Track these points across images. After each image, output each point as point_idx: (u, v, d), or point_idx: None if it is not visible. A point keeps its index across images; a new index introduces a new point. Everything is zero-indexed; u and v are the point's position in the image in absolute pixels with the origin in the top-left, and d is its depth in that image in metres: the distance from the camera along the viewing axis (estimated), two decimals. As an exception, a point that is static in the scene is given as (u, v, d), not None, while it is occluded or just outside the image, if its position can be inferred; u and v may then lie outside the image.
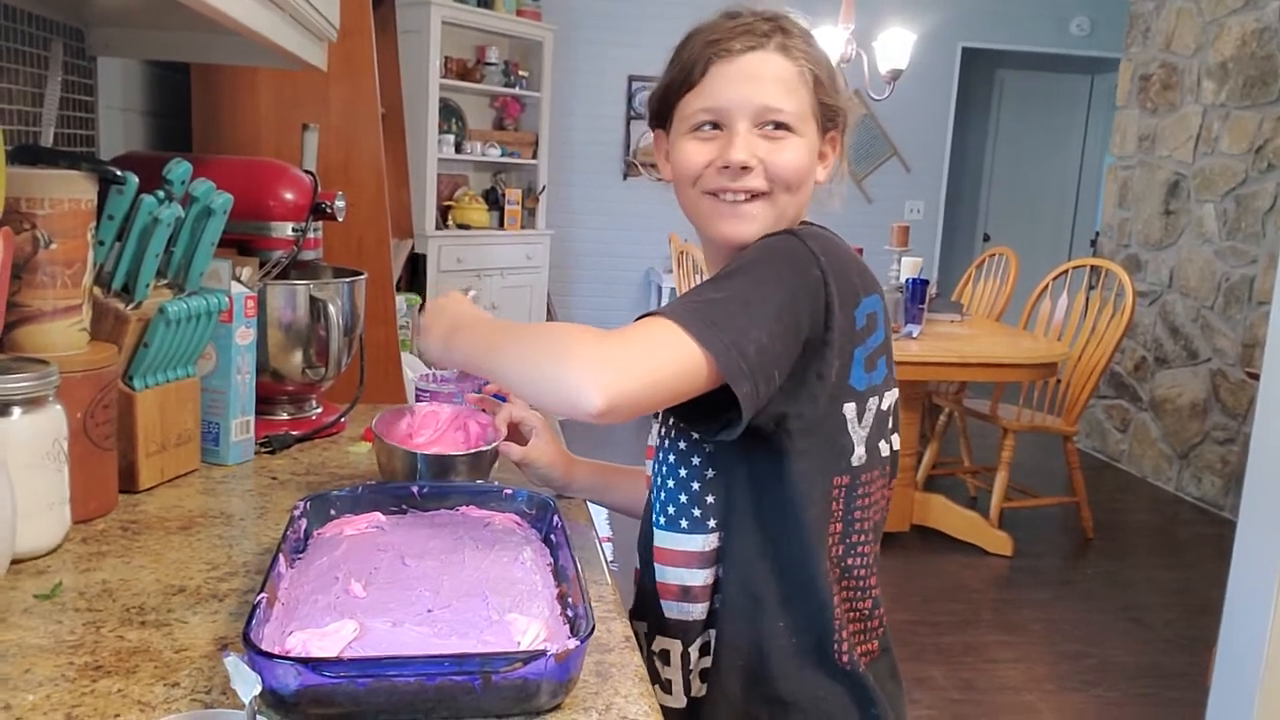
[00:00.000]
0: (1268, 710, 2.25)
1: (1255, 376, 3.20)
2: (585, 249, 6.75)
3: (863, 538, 1.07)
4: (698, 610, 1.09)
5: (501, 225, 5.91)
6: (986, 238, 8.13)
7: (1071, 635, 3.45)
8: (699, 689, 1.10)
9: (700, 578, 1.08)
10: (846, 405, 1.02)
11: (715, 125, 1.05)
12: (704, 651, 1.09)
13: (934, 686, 3.02)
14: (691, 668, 1.10)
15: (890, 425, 1.09)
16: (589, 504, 1.35)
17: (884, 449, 1.08)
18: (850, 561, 1.06)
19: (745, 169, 1.03)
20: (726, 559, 1.07)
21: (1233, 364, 4.73)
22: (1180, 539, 4.57)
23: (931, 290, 4.34)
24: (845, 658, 1.05)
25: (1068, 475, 4.38)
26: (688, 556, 1.08)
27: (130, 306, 1.23)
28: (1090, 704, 2.99)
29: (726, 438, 0.97)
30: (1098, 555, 4.24)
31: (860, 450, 1.04)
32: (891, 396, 1.08)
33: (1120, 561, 4.18)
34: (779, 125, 1.04)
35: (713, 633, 1.08)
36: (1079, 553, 4.28)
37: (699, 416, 0.99)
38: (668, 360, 0.91)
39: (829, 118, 1.07)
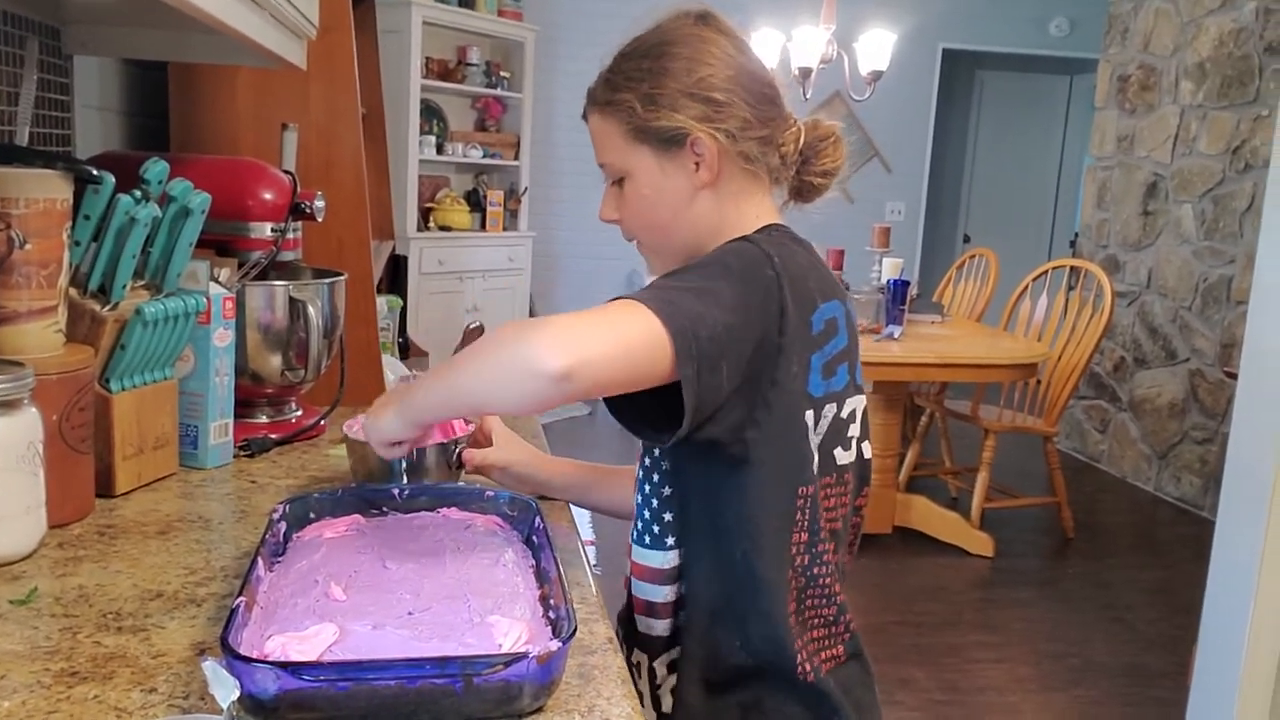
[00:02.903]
0: (1248, 708, 2.26)
1: (1233, 376, 3.22)
2: (567, 251, 6.74)
3: (827, 546, 1.06)
4: (660, 626, 1.09)
5: (483, 227, 5.90)
6: (967, 239, 8.17)
7: (1053, 635, 3.47)
8: (668, 705, 1.09)
9: (661, 594, 1.07)
10: (806, 413, 1.01)
11: None
12: (671, 669, 1.09)
13: (917, 688, 3.03)
14: (659, 683, 1.10)
15: (852, 433, 1.08)
16: (572, 507, 1.34)
17: (840, 456, 1.07)
18: (815, 570, 1.05)
19: (611, 222, 1.14)
20: (686, 576, 1.06)
21: (1211, 364, 4.77)
22: (1160, 539, 4.59)
23: (912, 291, 4.36)
24: (805, 667, 1.04)
25: (1048, 476, 4.40)
26: (651, 572, 1.08)
27: (107, 308, 1.22)
28: (1072, 704, 3.00)
29: (677, 435, 0.93)
30: (1078, 555, 4.26)
31: (817, 458, 1.04)
32: (854, 403, 1.07)
33: (1100, 561, 4.20)
34: (619, 179, 1.10)
35: (679, 650, 1.08)
36: (1060, 553, 4.30)
37: (646, 426, 0.98)
38: (630, 331, 0.89)
39: (663, 133, 1.05)
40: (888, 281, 4.11)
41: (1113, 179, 5.59)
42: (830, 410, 1.04)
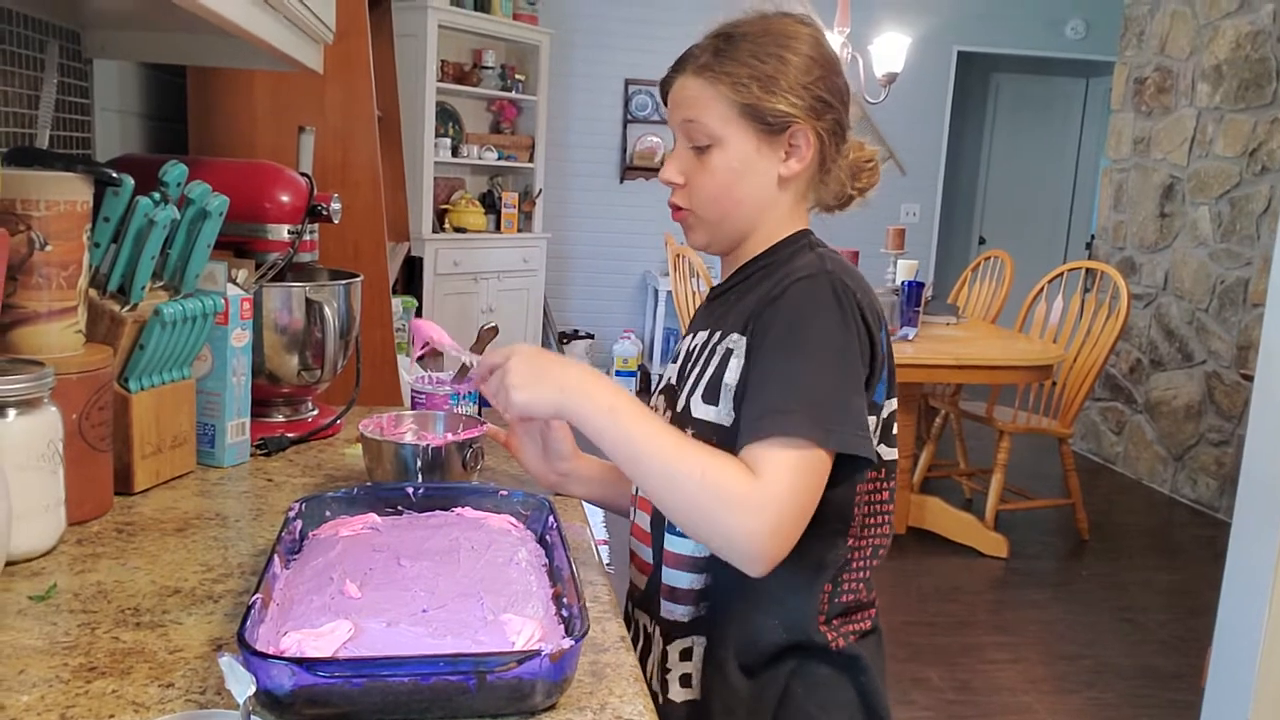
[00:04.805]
0: (1262, 711, 2.25)
1: (1250, 378, 3.21)
2: (581, 252, 6.75)
3: (867, 530, 1.11)
4: (680, 612, 1.11)
5: (498, 228, 5.91)
6: (982, 240, 8.15)
7: (1067, 637, 3.45)
8: (676, 692, 1.11)
9: (686, 581, 1.10)
10: (870, 418, 1.05)
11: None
12: (684, 656, 1.11)
13: (931, 688, 3.02)
14: (669, 667, 1.12)
15: (894, 430, 1.14)
16: (585, 505, 1.35)
17: (886, 453, 1.12)
18: (855, 555, 1.11)
19: (671, 184, 1.14)
20: (722, 565, 1.07)
21: (1227, 366, 4.74)
22: (1175, 541, 4.57)
23: (927, 293, 4.35)
24: (832, 635, 1.09)
25: (1063, 477, 4.38)
26: (679, 559, 1.11)
27: (126, 308, 1.23)
28: (1086, 705, 2.99)
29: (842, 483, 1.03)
30: (1093, 557, 4.24)
31: (873, 457, 1.07)
32: (892, 405, 1.12)
33: (1116, 563, 4.18)
34: (702, 145, 1.10)
35: (694, 640, 1.11)
36: (1074, 554, 4.29)
37: None
38: (812, 488, 0.97)
39: (774, 116, 1.08)
40: (902, 283, 4.11)
41: (1129, 181, 5.56)
42: (883, 413, 1.10)
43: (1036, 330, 4.58)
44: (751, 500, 0.94)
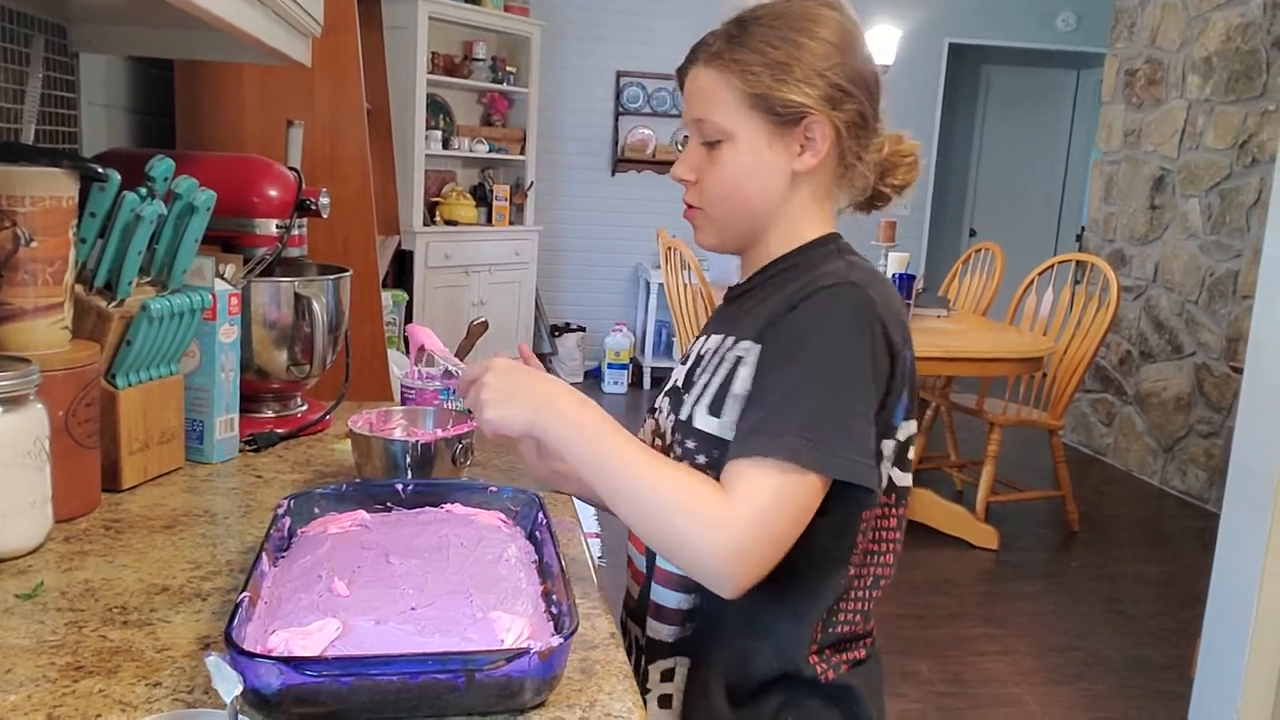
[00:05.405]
0: (1251, 702, 2.26)
1: (1239, 370, 3.22)
2: (573, 245, 6.74)
3: (870, 559, 1.06)
4: (666, 631, 1.08)
5: (489, 221, 5.90)
6: (973, 233, 8.16)
7: (1057, 628, 3.47)
8: (655, 713, 1.08)
9: (673, 600, 1.07)
10: (885, 441, 1.01)
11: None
12: (665, 677, 1.09)
13: (921, 680, 3.03)
14: (649, 687, 1.09)
15: (910, 455, 1.07)
16: (575, 501, 1.34)
17: (899, 478, 1.06)
18: (857, 584, 1.06)
19: (683, 181, 1.09)
20: None
21: (1217, 358, 4.76)
22: (1165, 532, 4.59)
23: (918, 285, 4.35)
24: (829, 673, 1.04)
25: (1053, 469, 4.40)
26: (667, 577, 1.08)
27: (113, 304, 1.23)
28: (1076, 696, 3.00)
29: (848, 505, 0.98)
30: (1083, 548, 4.26)
31: (884, 481, 1.03)
32: (910, 427, 1.05)
33: (1105, 555, 4.20)
34: (712, 140, 1.06)
35: (676, 660, 1.08)
36: (1065, 546, 4.30)
37: None
38: (792, 514, 0.91)
39: (784, 107, 1.02)
40: (893, 276, 4.11)
41: (1119, 173, 5.57)
42: (899, 434, 1.03)
43: (1027, 322, 4.59)
44: (718, 517, 0.90)
